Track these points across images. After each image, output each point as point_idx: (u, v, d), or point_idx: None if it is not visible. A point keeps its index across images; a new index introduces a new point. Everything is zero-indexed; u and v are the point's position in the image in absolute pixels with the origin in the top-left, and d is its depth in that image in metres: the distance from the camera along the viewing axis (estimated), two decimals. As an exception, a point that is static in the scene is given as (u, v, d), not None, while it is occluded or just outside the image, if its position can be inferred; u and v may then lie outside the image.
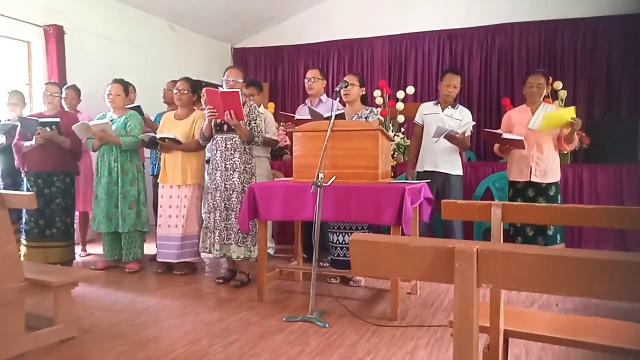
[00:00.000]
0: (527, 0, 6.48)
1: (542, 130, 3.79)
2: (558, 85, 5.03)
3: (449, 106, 4.20)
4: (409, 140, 5.02)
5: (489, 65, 6.75)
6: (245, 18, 7.54)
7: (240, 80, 3.80)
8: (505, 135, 3.86)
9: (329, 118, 3.30)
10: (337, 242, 3.79)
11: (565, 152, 4.34)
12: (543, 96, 4.02)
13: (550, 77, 4.36)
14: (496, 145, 4.10)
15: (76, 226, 4.82)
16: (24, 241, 4.18)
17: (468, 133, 4.11)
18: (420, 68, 7.15)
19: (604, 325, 1.99)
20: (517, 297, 3.54)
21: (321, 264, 3.83)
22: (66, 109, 4.63)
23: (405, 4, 7.11)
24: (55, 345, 2.64)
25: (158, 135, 4.11)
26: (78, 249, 4.91)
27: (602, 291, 0.84)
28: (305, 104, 4.57)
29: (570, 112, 3.65)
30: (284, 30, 7.96)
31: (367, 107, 3.90)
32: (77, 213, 4.81)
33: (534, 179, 3.88)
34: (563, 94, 4.93)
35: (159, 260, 4.18)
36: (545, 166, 3.89)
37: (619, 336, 1.83)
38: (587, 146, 4.82)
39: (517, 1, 6.53)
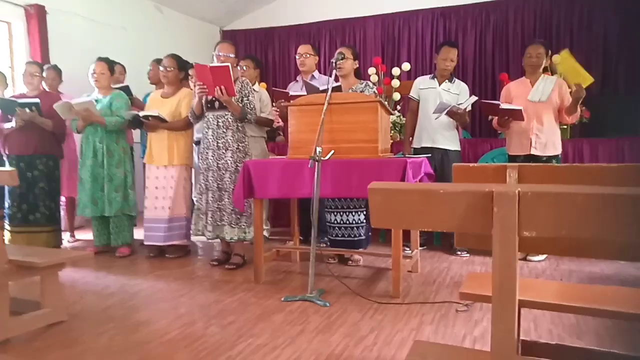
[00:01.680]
0: (521, -24, 6.35)
1: (560, 61, 3.74)
2: (557, 59, 4.91)
3: (446, 80, 4.09)
4: (405, 119, 4.89)
5: (483, 42, 6.63)
6: (233, -1, 7.35)
7: (232, 55, 3.64)
8: (504, 106, 3.75)
9: (325, 91, 3.17)
10: (335, 221, 3.67)
11: (566, 124, 4.24)
12: (542, 67, 3.91)
13: (549, 49, 4.24)
14: (495, 120, 4.00)
15: (63, 212, 4.67)
16: (7, 226, 4.03)
17: (469, 108, 3.99)
18: (414, 47, 7.02)
19: (615, 292, 1.91)
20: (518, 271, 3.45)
21: (319, 244, 3.71)
22: (47, 90, 4.43)
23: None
24: (42, 329, 2.50)
25: (141, 114, 3.95)
26: (66, 236, 4.75)
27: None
28: (297, 80, 4.42)
29: (585, 78, 3.55)
30: (273, 10, 7.77)
31: (362, 80, 3.76)
32: (63, 199, 4.65)
33: (534, 151, 3.79)
34: (560, 68, 4.81)
35: (146, 243, 4.03)
36: (546, 139, 3.79)
37: (631, 303, 1.74)
38: (587, 120, 4.74)
39: (511, -23, 6.40)
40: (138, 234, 4.38)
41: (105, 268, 3.76)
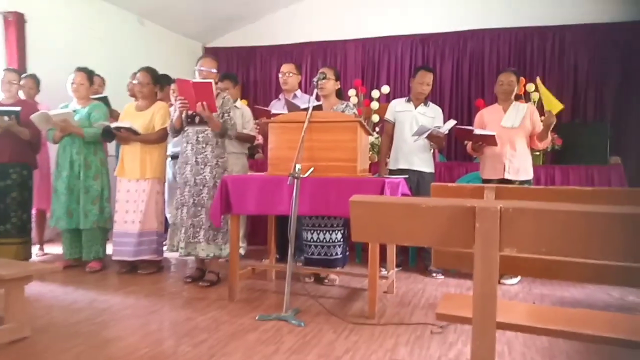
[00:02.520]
0: (498, 8, 6.56)
1: (543, 94, 3.83)
2: (531, 87, 5.07)
3: (422, 104, 4.16)
4: (383, 141, 4.95)
5: (460, 69, 6.79)
6: (217, 16, 7.36)
7: (214, 71, 3.64)
8: (477, 131, 3.84)
9: (306, 109, 3.19)
10: (312, 240, 3.66)
11: (538, 150, 4.35)
12: (514, 94, 4.03)
13: (521, 77, 4.38)
14: (469, 144, 4.08)
15: (33, 224, 4.53)
16: (-25, 237, 3.88)
17: (445, 132, 4.07)
18: (393, 71, 7.13)
19: (587, 315, 1.94)
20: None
21: (294, 263, 3.68)
22: (24, 99, 4.34)
23: (378, 8, 7.10)
24: (4, 346, 2.40)
25: (113, 125, 3.90)
26: (35, 249, 4.60)
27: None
28: (279, 98, 4.44)
29: (555, 105, 3.66)
30: (257, 30, 7.81)
31: (343, 101, 3.80)
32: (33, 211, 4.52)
33: (507, 176, 3.86)
34: (535, 96, 4.97)
35: (114, 258, 3.93)
36: (519, 164, 3.88)
37: (602, 326, 1.76)
38: (558, 147, 4.87)
39: (488, 8, 6.60)
40: (109, 248, 4.27)
41: (75, 283, 3.65)
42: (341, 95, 3.91)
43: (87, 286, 3.57)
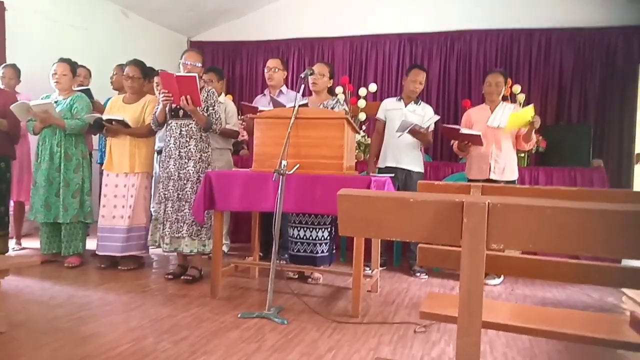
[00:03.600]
0: (485, 9, 6.60)
1: (508, 128, 3.80)
2: (517, 88, 5.11)
3: (412, 102, 4.16)
4: (369, 139, 4.95)
5: (447, 70, 6.82)
6: (203, 10, 7.29)
7: (199, 65, 3.59)
8: (464, 131, 3.85)
9: (292, 107, 3.16)
10: (297, 237, 3.63)
11: (524, 151, 4.39)
12: (501, 95, 4.05)
13: (508, 79, 4.40)
14: (455, 144, 4.09)
15: (11, 217, 4.43)
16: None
17: (431, 128, 4.07)
18: (381, 70, 7.14)
19: (569, 315, 1.96)
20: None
21: (278, 260, 3.65)
22: (2, 89, 4.23)
23: (367, 6, 7.09)
24: (-22, 341, 2.34)
25: (104, 117, 3.82)
26: (12, 243, 4.50)
27: None
28: (265, 94, 4.40)
29: (530, 111, 3.67)
30: (243, 25, 7.75)
31: (334, 97, 3.78)
32: (11, 203, 4.42)
33: (492, 176, 3.89)
34: (521, 97, 5.01)
35: (99, 253, 3.86)
36: (504, 163, 3.91)
37: (583, 326, 1.78)
38: (543, 149, 4.91)
39: (476, 10, 6.64)
40: (89, 243, 4.19)
41: (53, 278, 3.57)
42: (332, 92, 3.90)
43: (65, 282, 3.49)
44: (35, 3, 5.43)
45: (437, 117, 4.13)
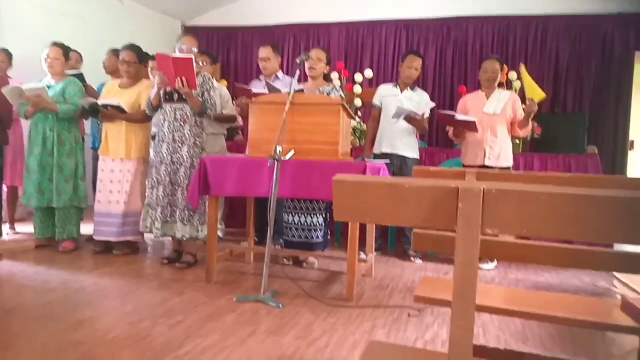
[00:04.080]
0: (482, -5, 6.56)
1: (526, 84, 3.81)
2: (513, 75, 5.10)
3: (408, 88, 4.15)
4: (365, 125, 4.93)
5: (443, 56, 6.79)
6: (197, -6, 7.20)
7: (195, 49, 3.56)
8: (459, 117, 3.85)
9: (288, 93, 3.14)
10: (292, 222, 3.64)
11: (519, 138, 4.40)
12: (497, 82, 4.04)
13: (504, 65, 4.40)
14: (450, 130, 4.09)
15: (4, 202, 4.41)
16: (-59, 215, 3.76)
17: (427, 115, 4.07)
18: (377, 56, 7.09)
19: (561, 299, 1.98)
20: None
21: (274, 246, 3.66)
22: (-6, 72, 4.19)
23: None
24: (-27, 325, 2.34)
25: (100, 102, 3.79)
26: (5, 228, 4.48)
27: (636, 236, 0.74)
28: (260, 79, 4.37)
29: (538, 93, 3.68)
30: (238, 9, 7.66)
31: (330, 83, 3.76)
32: (4, 188, 4.40)
33: (487, 162, 3.90)
34: (517, 84, 5.00)
35: (96, 238, 3.86)
36: (499, 149, 3.92)
37: (579, 309, 1.80)
38: (538, 136, 4.93)
39: (472, -4, 6.60)
40: (84, 228, 4.19)
41: (47, 262, 3.57)
42: (329, 78, 3.88)
43: (59, 266, 3.49)
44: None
45: (433, 104, 4.13)
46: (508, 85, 5.13)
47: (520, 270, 3.89)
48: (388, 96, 4.17)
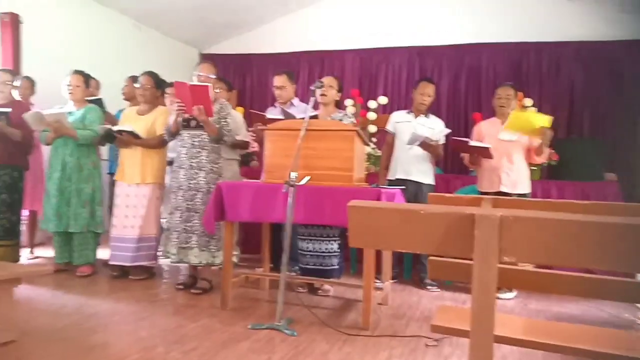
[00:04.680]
0: (495, 23, 6.61)
1: (506, 128, 3.78)
2: (528, 102, 5.10)
3: (422, 115, 4.16)
4: (379, 151, 4.94)
5: (457, 83, 6.82)
6: (214, 23, 7.37)
7: (213, 76, 3.63)
8: (473, 143, 3.84)
9: (301, 119, 3.17)
10: (307, 249, 3.62)
11: (535, 165, 4.35)
12: (512, 108, 4.03)
13: (518, 92, 4.38)
14: (466, 157, 4.07)
15: (24, 226, 4.48)
16: (-36, 238, 3.83)
17: (442, 141, 4.06)
18: (390, 83, 7.15)
19: (583, 331, 1.92)
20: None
21: (289, 272, 3.64)
22: (18, 99, 4.30)
23: (377, 19, 7.13)
24: (-10, 349, 2.36)
25: (115, 128, 3.87)
26: (26, 252, 4.54)
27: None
28: (275, 106, 4.42)
29: (543, 120, 3.64)
30: (253, 38, 7.83)
31: (341, 110, 3.80)
32: (25, 212, 4.47)
33: (503, 189, 3.86)
34: (532, 111, 4.98)
35: (111, 263, 3.89)
36: (516, 177, 3.88)
37: (604, 342, 1.74)
38: (555, 163, 4.87)
39: (486, 23, 6.65)
40: (101, 253, 4.22)
41: (64, 287, 3.59)
42: (340, 106, 3.91)
43: (76, 291, 3.51)
44: (50, 15, 5.54)
45: (448, 131, 4.13)
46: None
47: (540, 301, 3.80)
48: (402, 122, 4.18)
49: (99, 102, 4.37)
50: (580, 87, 6.27)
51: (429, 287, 4.00)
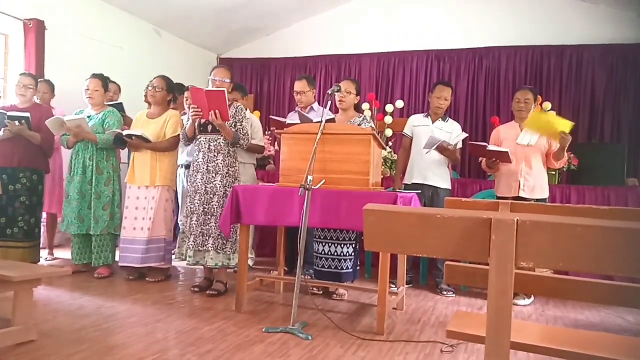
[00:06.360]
0: (514, 26, 6.55)
1: (525, 125, 3.73)
2: (547, 105, 5.03)
3: (439, 119, 4.13)
4: (396, 155, 4.92)
5: (475, 86, 6.77)
6: (232, 28, 7.45)
7: (227, 80, 3.66)
8: (490, 147, 3.80)
9: (319, 122, 3.18)
10: (322, 252, 3.62)
11: (554, 169, 4.29)
12: (531, 112, 3.98)
13: (538, 95, 4.33)
14: (483, 161, 4.03)
15: (44, 228, 4.56)
16: (-16, 239, 3.91)
17: (459, 145, 4.03)
18: (408, 86, 7.14)
19: (602, 339, 1.88)
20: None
21: (303, 276, 3.64)
22: (39, 103, 4.38)
23: (394, 23, 7.13)
24: (10, 348, 2.39)
25: (125, 132, 3.92)
26: (44, 253, 4.62)
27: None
28: (296, 111, 4.44)
29: (564, 125, 3.59)
30: (271, 42, 7.89)
31: (360, 114, 3.79)
32: (44, 214, 4.55)
33: (522, 194, 3.81)
34: (552, 114, 4.91)
35: (121, 265, 3.93)
36: (534, 182, 3.83)
37: (619, 350, 1.71)
38: (575, 167, 4.80)
39: (505, 26, 6.60)
40: (118, 255, 4.27)
41: (82, 288, 3.64)
42: (359, 109, 3.90)
43: (94, 292, 3.56)
44: (73, 22, 5.66)
45: (465, 135, 4.10)
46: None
47: (558, 307, 3.74)
48: (419, 126, 4.16)
49: (119, 106, 4.43)
50: (601, 91, 6.18)
51: (444, 293, 3.96)
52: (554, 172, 4.59)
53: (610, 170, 4.69)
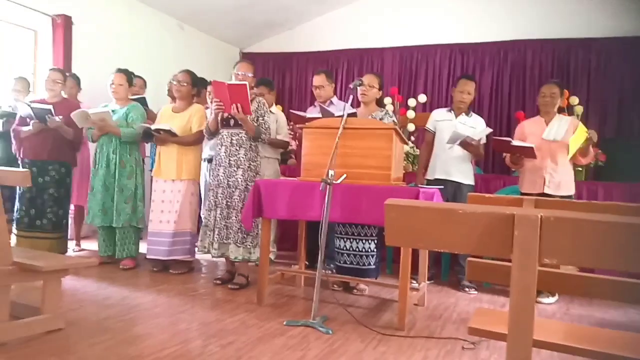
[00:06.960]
0: (540, 19, 6.42)
1: (572, 153, 3.69)
2: (574, 100, 4.92)
3: (463, 113, 4.08)
4: (418, 150, 4.88)
5: (500, 80, 6.66)
6: (254, 22, 7.48)
7: (250, 75, 3.68)
8: (515, 143, 3.74)
9: (340, 116, 3.17)
10: (344, 248, 3.62)
11: (581, 166, 4.20)
12: (557, 107, 3.90)
13: (565, 90, 4.23)
14: (507, 157, 3.97)
15: (71, 220, 4.67)
16: (14, 230, 4.02)
17: (483, 141, 3.98)
18: (431, 80, 7.06)
19: (630, 339, 1.84)
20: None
21: (324, 270, 3.65)
22: (66, 98, 4.48)
23: (417, 16, 7.05)
24: (39, 336, 2.47)
25: (153, 127, 3.98)
26: (72, 245, 4.73)
27: None
28: (315, 105, 4.44)
29: (582, 130, 3.56)
30: (293, 36, 7.89)
31: (382, 108, 3.77)
32: (72, 207, 4.66)
33: (547, 190, 3.74)
34: (579, 109, 4.82)
35: (148, 257, 4.01)
36: (560, 178, 3.75)
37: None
38: (602, 163, 4.69)
39: (530, 19, 6.47)
40: (143, 247, 4.35)
41: (108, 279, 3.73)
42: (382, 103, 3.88)
43: (119, 283, 3.63)
44: (99, 17, 5.76)
45: (490, 130, 4.03)
46: (569, 110, 4.94)
47: (583, 306, 3.67)
48: (442, 121, 4.12)
49: (142, 101, 4.50)
50: (630, 85, 6.01)
51: (466, 289, 3.92)
52: (580, 169, 4.49)
53: (639, 166, 4.57)
